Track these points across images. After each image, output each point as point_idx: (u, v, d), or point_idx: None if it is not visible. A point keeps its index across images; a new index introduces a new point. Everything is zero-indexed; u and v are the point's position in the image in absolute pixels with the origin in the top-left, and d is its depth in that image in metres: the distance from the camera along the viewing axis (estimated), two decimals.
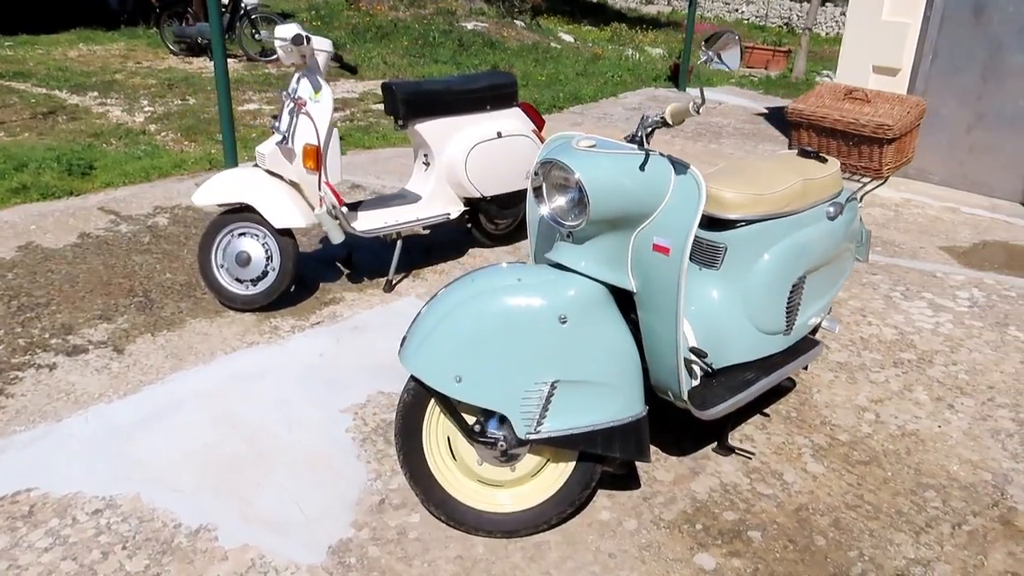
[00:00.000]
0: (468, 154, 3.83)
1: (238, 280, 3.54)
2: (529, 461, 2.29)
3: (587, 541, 2.30)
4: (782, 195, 2.54)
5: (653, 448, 2.63)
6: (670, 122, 2.05)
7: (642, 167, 2.06)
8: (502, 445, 2.19)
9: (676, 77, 10.58)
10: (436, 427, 2.28)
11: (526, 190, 4.10)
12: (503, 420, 2.20)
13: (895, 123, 2.86)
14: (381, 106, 7.72)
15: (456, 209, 3.98)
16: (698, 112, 1.99)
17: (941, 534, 2.39)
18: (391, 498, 2.44)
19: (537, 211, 2.18)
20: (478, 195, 3.94)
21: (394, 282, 3.86)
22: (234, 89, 6.96)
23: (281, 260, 3.50)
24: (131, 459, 2.57)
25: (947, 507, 2.50)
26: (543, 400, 2.13)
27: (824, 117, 2.99)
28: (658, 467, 2.62)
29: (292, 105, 3.44)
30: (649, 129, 2.14)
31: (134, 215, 4.65)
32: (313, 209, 3.54)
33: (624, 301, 2.22)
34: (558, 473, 2.29)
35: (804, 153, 2.87)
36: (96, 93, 7.82)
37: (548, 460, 2.30)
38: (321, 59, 3.44)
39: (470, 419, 2.23)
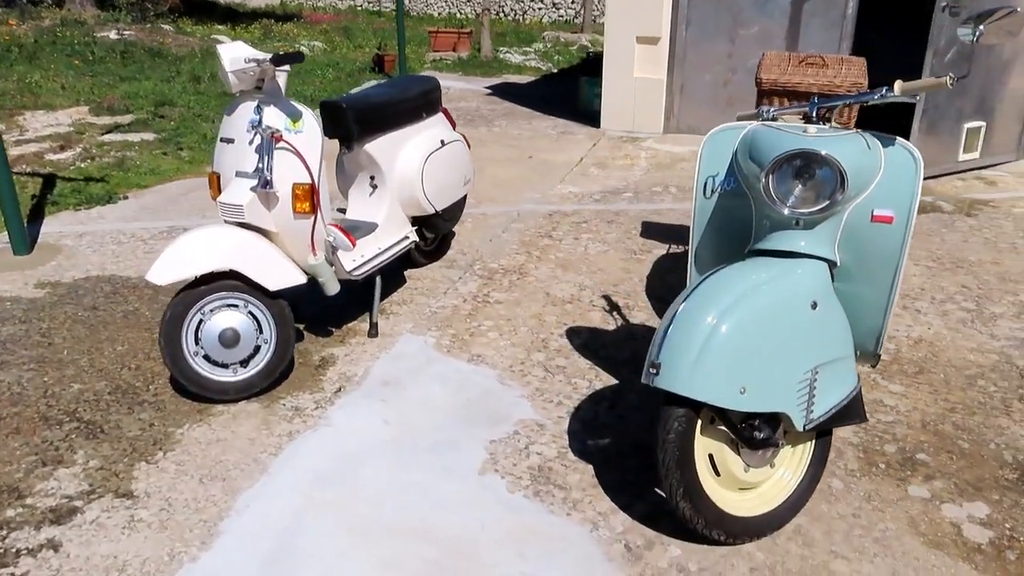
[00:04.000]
0: (423, 168, 3.49)
1: (221, 365, 2.84)
2: (781, 453, 2.27)
3: (823, 511, 2.36)
4: None
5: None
6: (897, 93, 2.14)
7: (868, 145, 2.13)
8: (782, 444, 2.15)
9: (381, 67, 10.50)
10: (700, 449, 2.15)
11: (465, 198, 3.92)
12: (769, 419, 2.15)
13: (864, 80, 3.27)
14: (111, 135, 6.54)
15: (411, 231, 3.62)
16: (951, 85, 2.09)
17: (1020, 407, 2.89)
18: (632, 540, 2.25)
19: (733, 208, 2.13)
20: (432, 210, 3.61)
21: (377, 323, 3.40)
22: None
23: (277, 329, 2.88)
24: None
25: (999, 387, 3.02)
26: (810, 388, 2.13)
27: (799, 83, 3.31)
28: None
29: (261, 140, 2.81)
30: (827, 108, 2.22)
31: None
32: (297, 261, 2.96)
33: None
34: (802, 456, 2.31)
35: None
36: None
37: (790, 446, 2.31)
38: (282, 79, 2.86)
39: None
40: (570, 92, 8.70)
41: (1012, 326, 3.49)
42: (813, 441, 2.31)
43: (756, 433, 2.14)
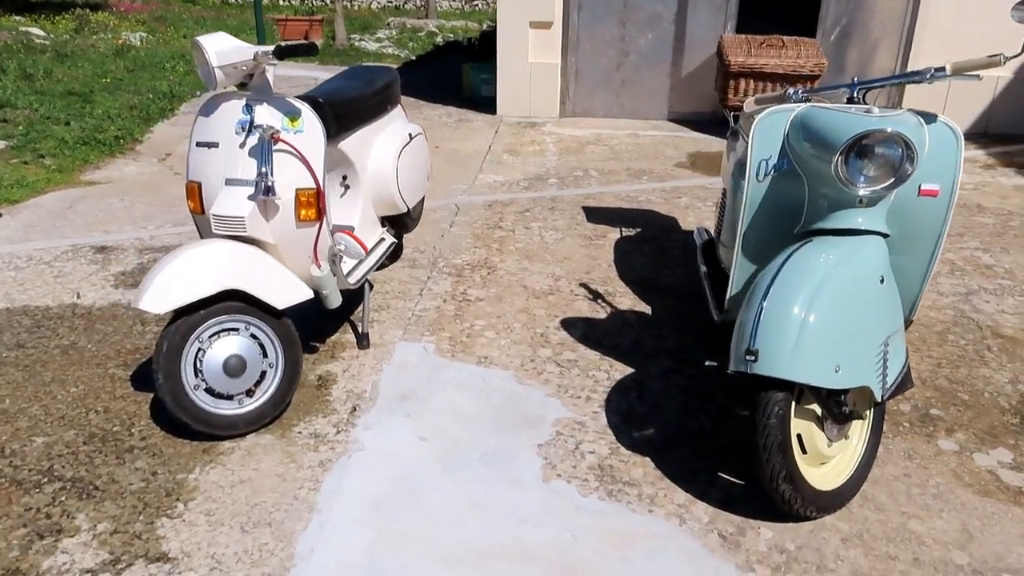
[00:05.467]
0: (397, 163, 3.27)
1: (225, 397, 2.54)
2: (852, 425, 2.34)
3: (877, 474, 2.45)
4: None
5: None
6: (949, 73, 2.23)
7: (919, 122, 2.22)
8: (864, 416, 2.22)
9: None
10: (793, 430, 2.17)
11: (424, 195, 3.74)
12: (843, 393, 2.21)
13: (824, 60, 3.43)
14: None
15: (384, 232, 3.39)
16: (1004, 62, 2.19)
17: (999, 361, 3.16)
18: (722, 528, 2.24)
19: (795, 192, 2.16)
20: (405, 209, 3.41)
21: (368, 334, 3.16)
22: None
23: (284, 351, 2.61)
24: None
25: (968, 339, 3.29)
26: (884, 360, 2.21)
27: (765, 64, 3.43)
28: None
29: (258, 143, 2.51)
30: (866, 89, 2.30)
31: None
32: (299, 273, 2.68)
33: None
34: (864, 426, 2.39)
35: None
36: None
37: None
38: (271, 73, 2.56)
39: (817, 408, 2.20)
40: (450, 79, 8.55)
41: (951, 283, 3.81)
42: (872, 410, 2.40)
43: (844, 408, 2.19)
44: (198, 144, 2.59)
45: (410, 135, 3.42)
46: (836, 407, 2.18)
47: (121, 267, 3.84)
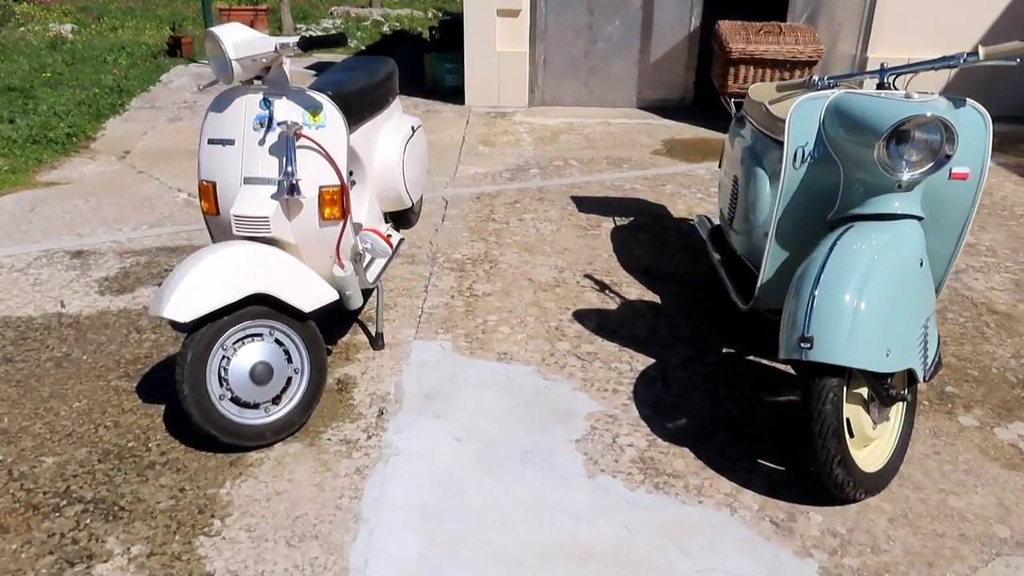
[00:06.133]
0: (403, 157, 3.19)
1: (252, 406, 2.44)
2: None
3: (909, 454, 2.49)
4: None
5: None
6: (981, 58, 2.25)
7: (952, 106, 2.25)
8: (908, 396, 2.25)
9: (178, 51, 9.49)
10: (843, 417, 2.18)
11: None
12: (890, 376, 2.24)
13: (821, 45, 3.47)
14: None
15: (389, 227, 3.30)
16: None
17: (999, 337, 3.26)
18: (772, 515, 2.25)
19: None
20: (409, 204, 3.32)
21: (383, 333, 3.07)
22: None
23: (310, 356, 2.52)
24: None
25: (966, 316, 3.39)
26: (924, 342, 2.24)
27: (765, 51, 3.44)
28: None
29: (279, 139, 2.39)
30: (895, 75, 2.32)
31: None
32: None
33: None
34: (900, 408, 2.43)
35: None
36: None
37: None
38: (288, 65, 2.45)
39: (863, 391, 2.22)
40: (409, 69, 8.40)
41: None
42: (905, 391, 2.44)
43: (891, 391, 2.21)
44: (211, 141, 2.47)
45: (412, 128, 3.33)
46: (883, 390, 2.20)
47: (103, 272, 3.65)
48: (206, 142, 2.48)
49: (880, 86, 2.34)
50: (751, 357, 3.05)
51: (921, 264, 2.22)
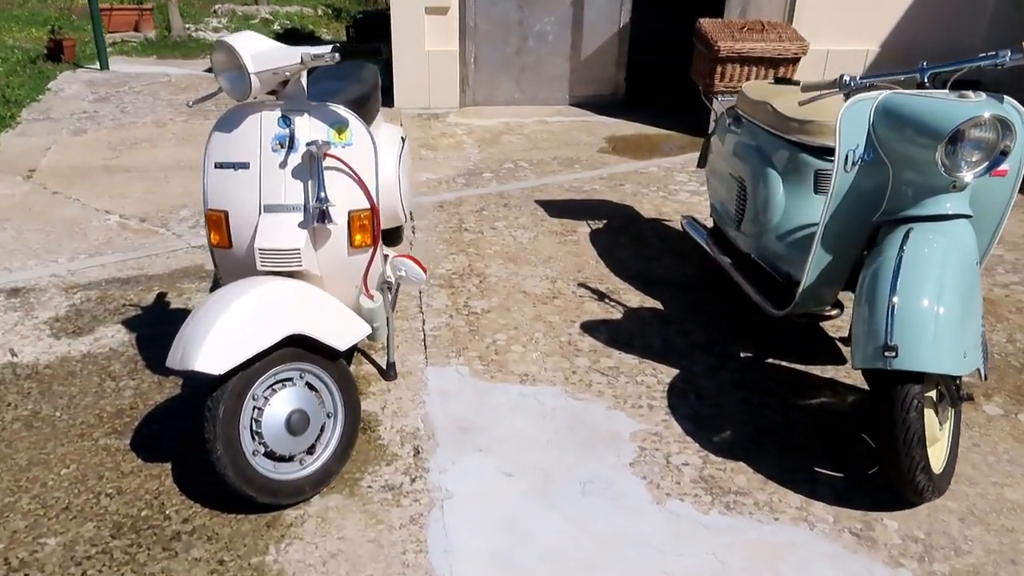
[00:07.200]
0: (399, 172, 2.97)
1: (286, 459, 2.19)
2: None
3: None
4: None
5: None
6: None
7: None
8: (970, 396, 2.26)
9: (59, 55, 8.72)
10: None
11: None
12: (959, 377, 2.24)
13: (805, 42, 3.49)
14: None
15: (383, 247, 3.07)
16: None
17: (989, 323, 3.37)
18: (850, 526, 2.21)
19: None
20: (403, 219, 3.11)
21: (394, 363, 2.85)
22: None
23: (343, 397, 2.29)
24: None
25: None
26: (984, 340, 2.26)
27: (752, 49, 3.43)
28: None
29: (305, 160, 2.14)
30: (935, 74, 2.33)
31: None
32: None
33: None
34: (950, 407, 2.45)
35: (782, 80, 3.28)
36: None
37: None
38: (304, 78, 2.20)
39: (934, 393, 2.22)
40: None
41: None
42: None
43: (962, 392, 2.22)
44: (219, 165, 2.19)
45: (402, 139, 3.11)
46: (956, 391, 2.21)
47: (50, 312, 3.23)
48: (212, 166, 2.20)
49: (919, 85, 2.34)
50: (770, 360, 3.02)
51: (979, 263, 2.23)
